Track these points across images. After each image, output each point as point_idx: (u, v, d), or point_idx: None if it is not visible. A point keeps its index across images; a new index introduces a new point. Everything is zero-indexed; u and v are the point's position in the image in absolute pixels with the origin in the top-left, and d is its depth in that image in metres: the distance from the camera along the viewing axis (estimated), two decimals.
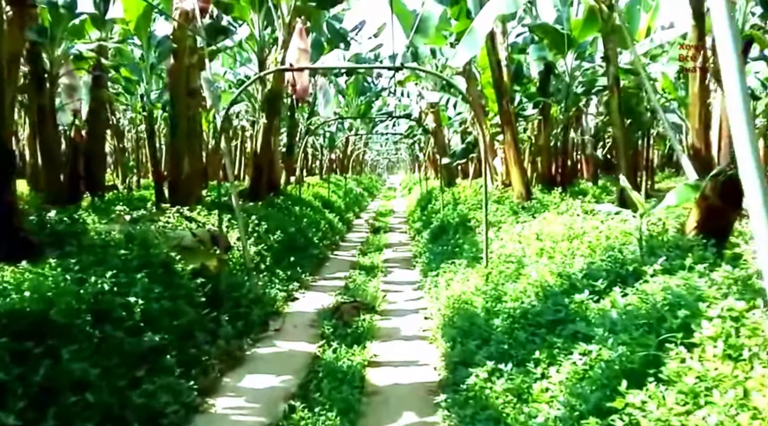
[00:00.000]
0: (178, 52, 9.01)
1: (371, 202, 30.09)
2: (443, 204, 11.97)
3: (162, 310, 4.81)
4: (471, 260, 7.10)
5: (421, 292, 7.93)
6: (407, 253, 12.05)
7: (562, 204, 7.48)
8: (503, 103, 8.78)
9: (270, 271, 8.24)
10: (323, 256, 11.44)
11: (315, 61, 16.91)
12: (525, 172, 9.35)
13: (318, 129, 25.78)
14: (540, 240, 5.79)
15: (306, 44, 11.84)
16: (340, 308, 6.69)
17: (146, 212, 7.59)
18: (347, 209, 20.29)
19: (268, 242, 9.02)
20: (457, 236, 9.21)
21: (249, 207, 10.75)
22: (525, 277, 4.80)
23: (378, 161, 59.33)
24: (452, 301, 5.90)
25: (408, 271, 9.99)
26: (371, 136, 39.27)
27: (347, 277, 9.57)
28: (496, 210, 9.00)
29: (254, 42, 14.73)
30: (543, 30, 12.16)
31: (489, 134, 11.19)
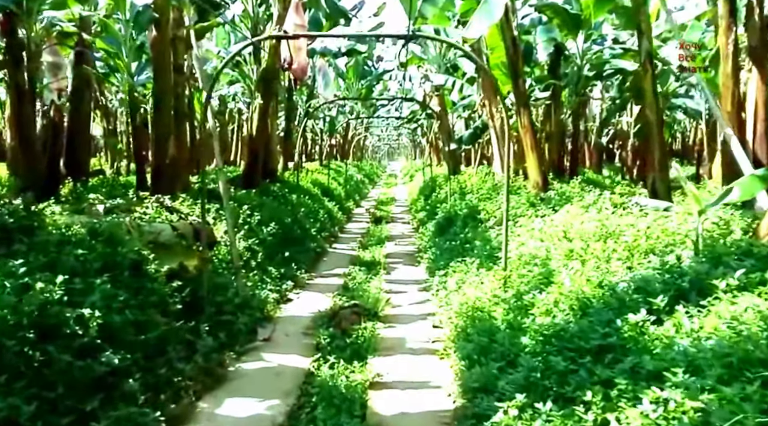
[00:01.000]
0: (160, 22, 8.15)
1: (372, 190, 29.29)
2: (450, 193, 11.19)
3: (126, 323, 4.05)
4: (485, 259, 6.33)
5: (427, 293, 7.18)
6: (411, 247, 11.29)
7: (588, 196, 6.66)
8: (518, 84, 7.95)
9: (261, 269, 7.49)
10: (321, 249, 10.68)
11: (313, 41, 16.02)
12: (543, 160, 8.54)
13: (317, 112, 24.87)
14: (568, 239, 5.01)
15: (303, 19, 10.94)
16: (338, 314, 5.94)
17: (123, 202, 6.80)
18: (347, 197, 19.50)
19: (260, 235, 8.26)
20: (466, 230, 8.43)
21: (241, 195, 9.97)
22: (557, 286, 4.02)
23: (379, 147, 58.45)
24: (465, 308, 5.15)
25: (412, 267, 9.23)
26: (372, 121, 38.33)
27: (347, 274, 8.82)
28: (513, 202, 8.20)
29: (248, 18, 13.83)
30: (553, 9, 11.27)
31: (500, 118, 10.35)
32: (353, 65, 28.40)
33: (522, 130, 8.04)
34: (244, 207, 8.62)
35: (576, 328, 3.36)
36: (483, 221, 8.61)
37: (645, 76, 5.48)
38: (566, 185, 8.39)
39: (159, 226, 5.92)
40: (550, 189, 8.02)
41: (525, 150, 8.05)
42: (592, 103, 18.42)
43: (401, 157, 66.47)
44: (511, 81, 8.03)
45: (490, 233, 7.19)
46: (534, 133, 8.17)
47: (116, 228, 5.13)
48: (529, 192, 8.19)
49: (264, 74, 12.28)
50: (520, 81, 8.03)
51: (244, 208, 8.55)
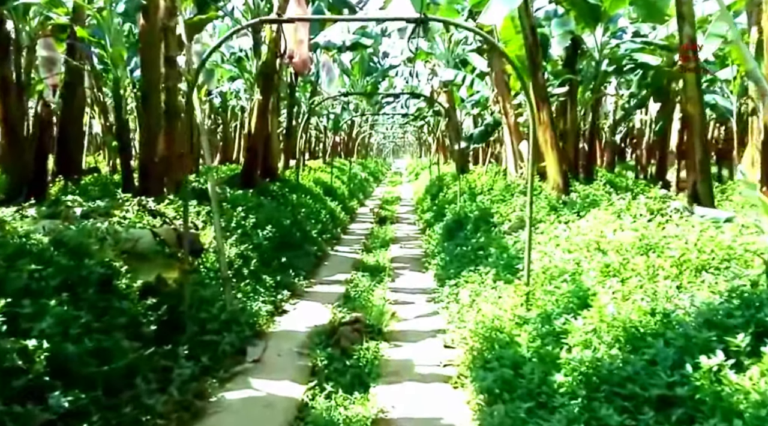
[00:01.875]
0: (149, 9, 7.50)
1: (376, 188, 28.63)
2: (459, 193, 10.53)
3: (84, 353, 3.43)
4: (501, 270, 5.67)
5: (436, 305, 6.52)
6: (417, 250, 10.64)
7: (617, 200, 5.96)
8: (537, 76, 7.27)
9: (255, 277, 6.85)
10: (322, 253, 10.04)
11: (317, 34, 15.38)
12: (563, 159, 7.84)
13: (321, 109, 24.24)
14: (602, 251, 4.34)
15: (305, 10, 10.30)
16: (338, 331, 5.29)
17: (103, 204, 6.18)
18: (351, 196, 18.86)
19: (255, 239, 7.62)
20: (478, 235, 7.77)
21: (237, 196, 9.34)
22: (596, 310, 3.36)
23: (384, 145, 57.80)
24: (482, 327, 4.50)
25: (419, 274, 8.58)
26: (378, 119, 37.67)
27: (349, 280, 8.19)
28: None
29: (248, 11, 13.21)
30: (570, 0, 10.56)
31: (513, 115, 9.67)
32: (358, 61, 27.74)
33: (540, 127, 7.36)
34: (238, 209, 7.98)
35: (629, 369, 2.70)
36: (496, 225, 7.95)
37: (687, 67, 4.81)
38: (587, 187, 7.69)
39: (138, 233, 5.29)
40: (571, 191, 7.33)
41: (543, 148, 7.38)
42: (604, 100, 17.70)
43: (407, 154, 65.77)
44: (530, 73, 7.35)
45: (507, 240, 6.52)
46: (554, 130, 7.49)
47: (83, 236, 4.50)
48: (549, 194, 7.51)
49: (263, 68, 11.65)
50: (540, 73, 7.34)
51: (238, 210, 7.93)
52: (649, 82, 12.20)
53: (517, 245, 6.07)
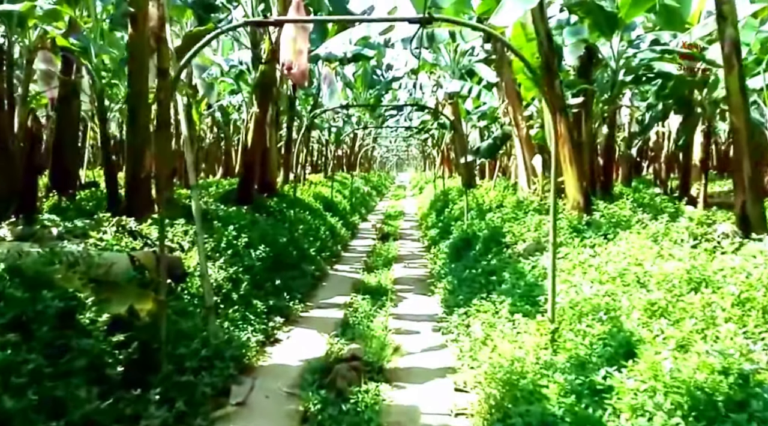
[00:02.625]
0: (137, 18, 7.02)
1: (380, 202, 28.11)
2: (466, 209, 9.96)
3: (28, 408, 2.85)
4: (518, 300, 5.07)
5: (444, 337, 5.91)
6: (422, 270, 10.05)
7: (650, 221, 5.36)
8: (554, 85, 6.73)
9: (245, 302, 6.27)
10: (320, 273, 9.45)
11: (318, 46, 14.95)
12: (584, 175, 7.25)
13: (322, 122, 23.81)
14: (642, 284, 3.75)
15: None
16: (334, 369, 4.69)
17: (83, 224, 5.63)
18: (353, 211, 18.32)
19: (246, 260, 7.05)
20: (489, 257, 7.19)
21: (229, 213, 8.79)
22: (646, 365, 2.76)
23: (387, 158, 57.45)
24: (499, 370, 3.90)
25: (424, 298, 7.98)
26: (380, 132, 37.28)
27: (348, 304, 7.61)
28: (545, 223, 6.96)
29: None
30: (586, 8, 10.08)
31: (525, 127, 9.13)
32: (361, 74, 27.39)
33: (558, 140, 6.81)
34: (230, 227, 7.42)
35: None
36: (509, 246, 7.36)
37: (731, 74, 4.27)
38: (611, 205, 7.09)
39: (113, 257, 4.73)
40: (593, 210, 6.73)
41: (561, 163, 6.82)
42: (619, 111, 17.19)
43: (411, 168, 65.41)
44: (545, 82, 6.82)
45: (522, 264, 5.92)
46: (573, 143, 6.93)
47: (44, 263, 3.94)
48: (569, 214, 6.92)
49: (261, 80, 11.18)
50: (557, 82, 6.81)
51: (229, 229, 7.36)
52: (669, 93, 11.66)
53: (535, 271, 5.47)
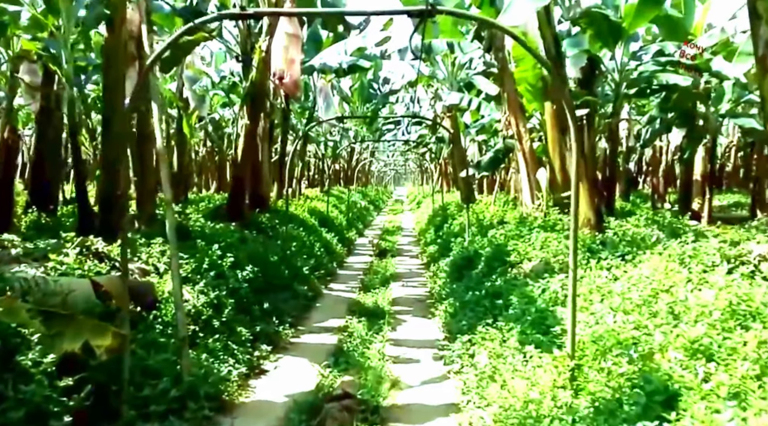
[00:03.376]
0: (114, 22, 6.57)
1: (377, 217, 27.60)
2: (467, 225, 9.45)
3: None
4: (528, 328, 4.55)
5: (447, 367, 5.37)
6: (421, 289, 9.51)
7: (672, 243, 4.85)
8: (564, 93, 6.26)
9: (228, 329, 5.73)
10: (314, 293, 8.90)
11: (312, 56, 14.58)
12: (596, 191, 6.76)
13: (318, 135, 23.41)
14: (675, 316, 3.24)
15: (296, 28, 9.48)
16: (324, 410, 4.14)
17: (45, 245, 5.11)
18: (349, 226, 17.80)
19: (232, 282, 6.51)
20: (493, 277, 6.67)
21: (216, 231, 8.28)
22: (701, 420, 2.24)
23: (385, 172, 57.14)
24: (512, 414, 3.37)
25: (424, 321, 7.43)
26: (378, 146, 36.98)
27: (343, 327, 7.07)
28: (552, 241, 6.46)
29: (239, 31, 12.41)
30: (589, 19, 9.71)
31: (528, 139, 8.69)
32: (358, 88, 27.12)
33: (567, 153, 6.35)
34: (214, 246, 6.90)
35: None
36: (513, 265, 6.85)
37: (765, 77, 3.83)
38: (624, 222, 6.58)
39: (73, 283, 4.21)
40: (605, 227, 6.22)
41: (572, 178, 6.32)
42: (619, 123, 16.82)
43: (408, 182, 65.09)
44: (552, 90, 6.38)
45: (531, 286, 5.41)
46: (585, 156, 6.45)
47: None
48: (581, 232, 6.41)
49: (252, 91, 10.74)
50: (566, 90, 6.36)
51: (214, 248, 6.84)
52: (672, 106, 11.25)
53: (546, 295, 4.96)
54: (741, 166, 22.94)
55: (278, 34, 10.04)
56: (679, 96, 10.94)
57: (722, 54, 11.04)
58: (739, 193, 19.76)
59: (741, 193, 20.01)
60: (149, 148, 8.23)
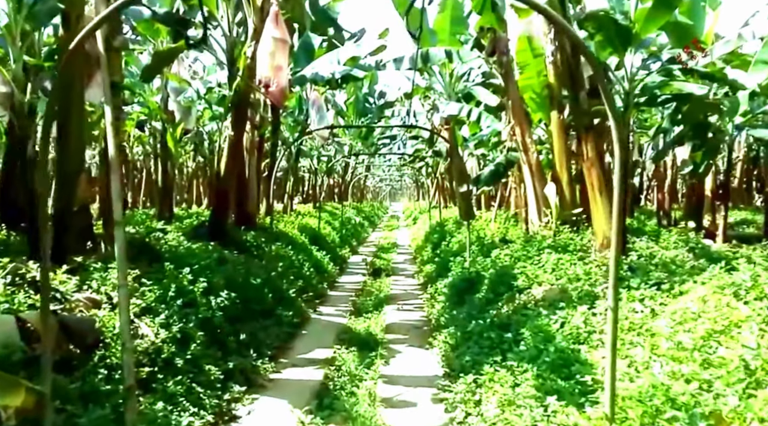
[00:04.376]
0: (69, 16, 5.87)
1: (372, 233, 26.86)
2: (468, 243, 8.72)
3: None
4: (546, 370, 3.79)
5: (447, 414, 4.59)
6: (418, 313, 8.74)
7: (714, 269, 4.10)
8: (579, 98, 5.60)
9: (195, 367, 4.94)
10: (300, 319, 8.12)
11: (304, 66, 13.96)
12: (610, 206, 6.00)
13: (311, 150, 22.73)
14: (750, 370, 2.51)
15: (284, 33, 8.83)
16: None
17: None
18: (343, 243, 17.06)
19: (202, 311, 5.73)
20: (499, 304, 5.92)
21: (193, 251, 7.51)
22: None
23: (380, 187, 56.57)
24: None
25: (421, 351, 6.65)
26: (373, 161, 36.37)
27: (330, 360, 6.31)
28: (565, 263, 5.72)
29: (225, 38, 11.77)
30: (597, 23, 9.09)
31: (535, 151, 7.99)
32: (353, 102, 26.59)
33: (585, 164, 5.63)
34: (185, 269, 6.12)
35: None
36: (521, 290, 6.10)
37: None
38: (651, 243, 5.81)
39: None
40: (629, 250, 5.46)
41: (589, 192, 5.62)
42: None
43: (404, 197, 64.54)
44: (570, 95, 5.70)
45: (545, 318, 4.66)
46: (604, 168, 5.72)
47: None
48: (600, 254, 5.65)
49: (235, 100, 10.05)
50: (582, 94, 5.67)
51: (184, 272, 6.06)
52: (684, 117, 10.60)
53: (564, 329, 4.20)
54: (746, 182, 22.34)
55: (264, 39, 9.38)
56: (691, 106, 10.29)
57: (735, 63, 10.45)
58: (745, 210, 19.12)
59: (747, 209, 19.37)
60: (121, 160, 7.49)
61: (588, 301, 4.40)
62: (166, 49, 11.59)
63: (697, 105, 9.76)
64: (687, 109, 10.35)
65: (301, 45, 14.15)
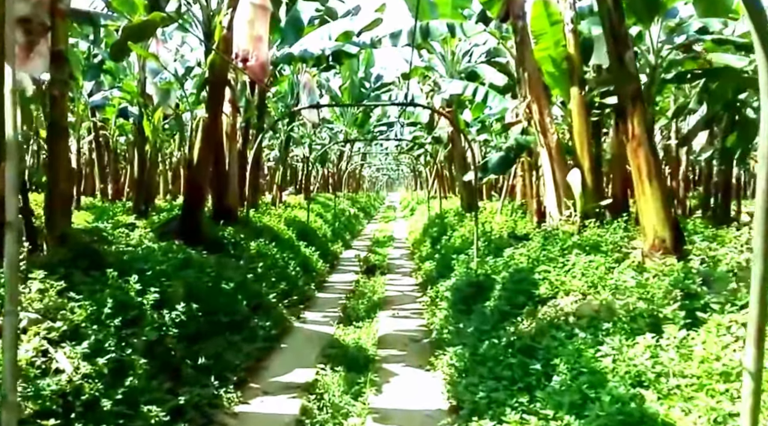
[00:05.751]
0: None
1: (367, 225, 25.72)
2: (476, 239, 7.58)
3: None
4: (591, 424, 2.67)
5: None
6: (416, 322, 7.63)
7: None
8: (625, 59, 4.39)
9: (131, 410, 3.81)
10: (280, 329, 6.99)
11: (293, 43, 12.72)
12: (668, 199, 4.77)
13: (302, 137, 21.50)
14: None
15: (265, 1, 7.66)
16: None
17: None
18: (335, 237, 15.91)
19: (147, 333, 4.58)
20: (519, 320, 4.80)
21: (152, 252, 6.35)
22: None
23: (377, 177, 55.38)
24: None
25: (421, 373, 5.53)
26: (370, 149, 35.16)
27: (311, 385, 5.20)
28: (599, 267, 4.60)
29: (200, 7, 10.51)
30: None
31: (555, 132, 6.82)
32: (348, 87, 25.33)
33: (630, 144, 4.45)
34: (133, 277, 4.95)
35: None
36: (544, 301, 4.98)
37: None
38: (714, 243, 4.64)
39: None
40: (688, 254, 4.27)
41: (635, 178, 4.46)
42: None
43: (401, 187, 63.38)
44: (612, 54, 4.53)
45: (586, 343, 3.53)
46: (654, 148, 4.51)
47: None
48: (651, 258, 4.48)
49: (211, 77, 8.82)
50: (629, 54, 4.48)
51: (131, 280, 4.89)
52: (711, 97, 9.44)
53: (620, 368, 3.07)
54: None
55: (242, 5, 8.10)
56: (722, 83, 9.12)
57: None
58: None
59: None
60: (63, 145, 6.32)
61: (646, 324, 3.27)
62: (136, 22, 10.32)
63: (731, 80, 8.58)
64: (717, 86, 9.19)
65: (289, 20, 12.89)
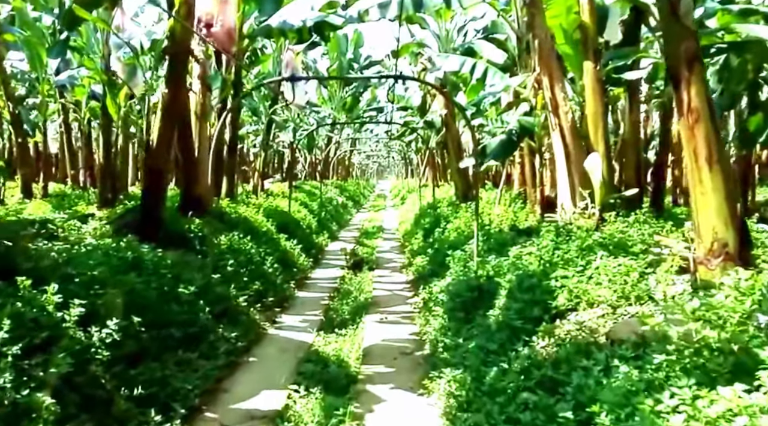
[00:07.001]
0: None
1: (356, 214, 24.72)
2: (476, 235, 6.64)
3: None
4: None
5: None
6: (407, 329, 6.69)
7: None
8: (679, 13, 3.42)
9: None
10: (248, 340, 6.02)
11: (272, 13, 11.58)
12: (734, 190, 3.84)
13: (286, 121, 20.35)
14: None
15: None
16: None
17: None
18: (320, 229, 14.91)
19: (60, 361, 3.58)
20: (534, 340, 3.86)
21: (93, 251, 5.32)
22: None
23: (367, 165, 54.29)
24: None
25: (413, 398, 4.59)
26: (359, 136, 34.05)
27: (280, 414, 4.26)
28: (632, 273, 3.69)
29: None
30: None
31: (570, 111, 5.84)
32: (336, 69, 24.22)
33: (686, 120, 3.48)
34: (51, 286, 3.93)
35: None
36: (563, 313, 4.05)
37: None
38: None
39: None
40: (756, 258, 3.35)
41: (690, 163, 3.51)
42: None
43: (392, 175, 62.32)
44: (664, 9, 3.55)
45: (621, 374, 2.60)
46: (717, 125, 3.54)
47: None
48: (709, 266, 3.52)
49: (171, 49, 7.68)
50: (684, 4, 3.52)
51: (49, 291, 3.88)
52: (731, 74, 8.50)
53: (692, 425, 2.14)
54: None
55: None
56: (743, 60, 8.19)
57: None
58: None
59: None
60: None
61: (725, 365, 2.34)
62: None
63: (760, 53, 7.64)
64: (739, 63, 8.25)
65: None
